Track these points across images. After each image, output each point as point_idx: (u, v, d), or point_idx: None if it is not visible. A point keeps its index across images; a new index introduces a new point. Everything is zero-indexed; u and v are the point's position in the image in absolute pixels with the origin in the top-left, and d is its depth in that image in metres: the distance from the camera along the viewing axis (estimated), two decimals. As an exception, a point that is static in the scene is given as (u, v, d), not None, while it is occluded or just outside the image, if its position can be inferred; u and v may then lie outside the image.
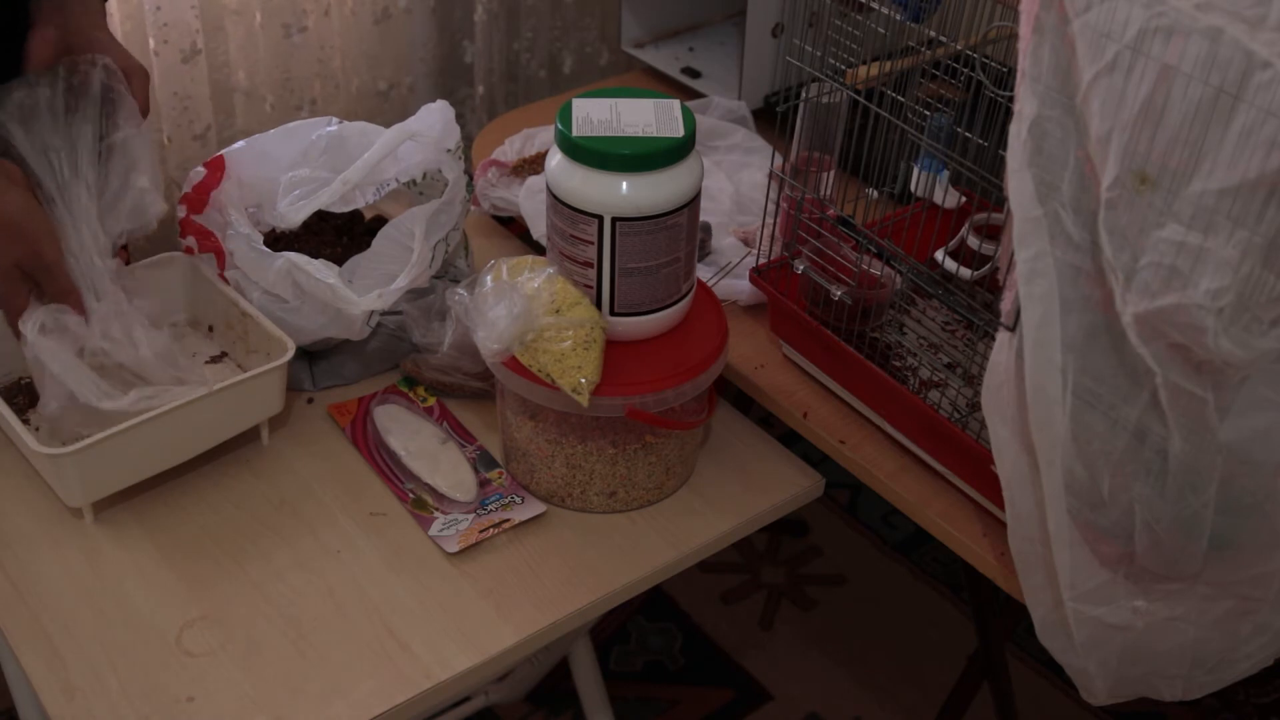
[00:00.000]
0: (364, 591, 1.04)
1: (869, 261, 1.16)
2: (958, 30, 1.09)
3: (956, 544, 1.10)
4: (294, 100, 1.85)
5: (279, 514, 1.10)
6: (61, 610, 1.01)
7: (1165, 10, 0.75)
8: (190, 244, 1.21)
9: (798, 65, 1.13)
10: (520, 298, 1.04)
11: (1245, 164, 0.74)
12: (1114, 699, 1.03)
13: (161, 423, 1.05)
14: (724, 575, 2.06)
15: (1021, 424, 0.91)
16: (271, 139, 1.23)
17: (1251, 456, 0.86)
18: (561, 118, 1.05)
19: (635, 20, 1.79)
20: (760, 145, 1.54)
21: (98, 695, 0.95)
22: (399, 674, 0.98)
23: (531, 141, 1.54)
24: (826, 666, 1.92)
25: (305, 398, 1.22)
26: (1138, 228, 0.79)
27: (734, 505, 1.14)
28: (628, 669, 1.91)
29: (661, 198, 1.04)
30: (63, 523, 1.08)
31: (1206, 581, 0.95)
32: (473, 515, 1.10)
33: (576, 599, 1.04)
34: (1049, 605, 0.98)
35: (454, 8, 1.99)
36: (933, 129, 1.14)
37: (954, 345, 1.21)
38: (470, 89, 2.07)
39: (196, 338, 1.25)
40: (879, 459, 1.17)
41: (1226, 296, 0.77)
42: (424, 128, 1.21)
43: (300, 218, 1.17)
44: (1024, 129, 0.84)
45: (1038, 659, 1.91)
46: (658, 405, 1.06)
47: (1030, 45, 0.83)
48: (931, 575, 2.07)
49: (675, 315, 1.12)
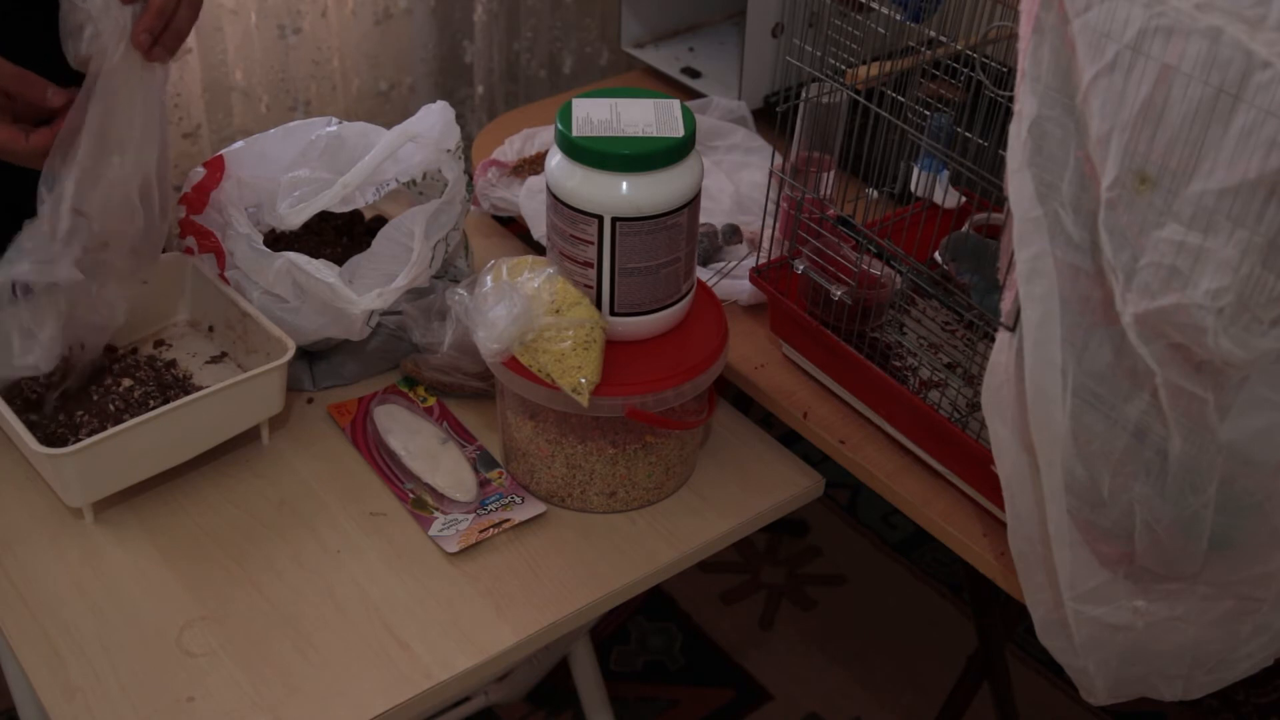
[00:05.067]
0: (364, 591, 1.04)
1: (869, 261, 1.16)
2: (958, 30, 1.09)
3: (956, 544, 1.10)
4: (289, 100, 1.85)
5: (279, 514, 1.10)
6: (61, 610, 1.01)
7: (1165, 10, 0.75)
8: (190, 244, 1.21)
9: (798, 65, 1.13)
10: (520, 298, 1.04)
11: (1245, 164, 0.74)
12: (1114, 699, 1.03)
13: (161, 423, 1.05)
14: (724, 575, 2.06)
15: (1021, 424, 0.91)
16: (271, 139, 1.23)
17: (1251, 456, 0.86)
18: (561, 118, 1.05)
19: (635, 20, 1.79)
20: (760, 145, 1.54)
21: (98, 695, 0.95)
22: (399, 674, 0.98)
23: (531, 141, 1.54)
24: (826, 666, 1.92)
25: (305, 398, 1.22)
26: (1138, 228, 0.79)
27: (734, 505, 1.14)
28: (628, 669, 1.91)
29: (661, 198, 1.04)
30: (63, 523, 1.08)
31: (1206, 581, 0.95)
32: (473, 515, 1.10)
33: (576, 599, 1.04)
34: (1049, 605, 0.98)
35: (454, 8, 1.99)
36: (933, 129, 1.14)
37: (954, 345, 1.21)
38: (470, 89, 2.07)
39: (196, 338, 1.25)
40: (879, 459, 1.17)
41: (1226, 296, 0.77)
42: (424, 128, 1.21)
43: (300, 220, 1.17)
44: (1024, 129, 0.84)
45: (1038, 659, 1.91)
46: (658, 405, 1.06)
47: (1030, 45, 0.83)
48: (931, 575, 2.07)
49: (675, 315, 1.12)
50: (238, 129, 1.81)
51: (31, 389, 1.13)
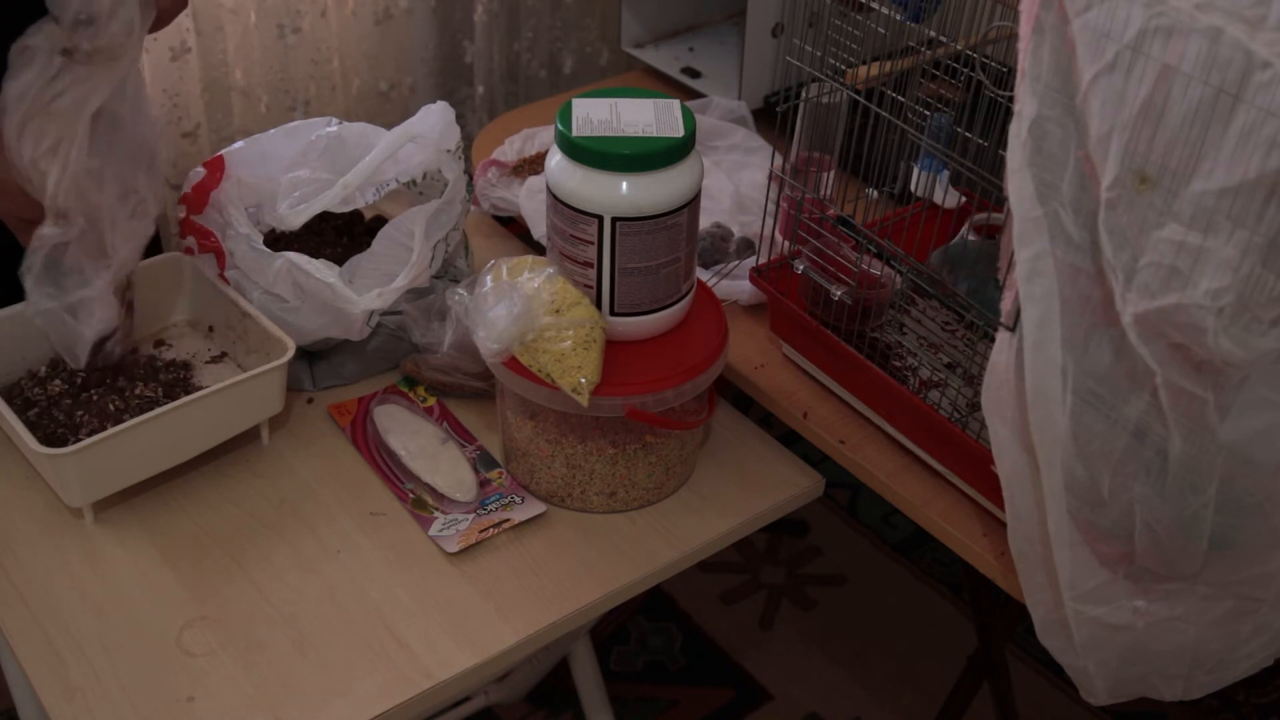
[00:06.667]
0: (364, 591, 1.04)
1: (869, 261, 1.16)
2: (958, 30, 1.09)
3: (956, 544, 1.10)
4: (288, 100, 1.85)
5: (279, 514, 1.10)
6: (61, 610, 1.01)
7: (1165, 10, 0.75)
8: (190, 244, 1.21)
9: (798, 65, 1.13)
10: (520, 298, 1.04)
11: (1245, 164, 0.74)
12: (1114, 699, 1.03)
13: (161, 423, 1.05)
14: (724, 575, 2.06)
15: (1021, 424, 0.91)
16: (271, 139, 1.23)
17: (1251, 456, 0.86)
18: (561, 118, 1.05)
19: (635, 20, 1.79)
20: (760, 145, 1.54)
21: (98, 695, 0.95)
22: (399, 674, 0.98)
23: (531, 141, 1.54)
24: (826, 666, 1.92)
25: (305, 398, 1.22)
26: (1138, 228, 0.79)
27: (734, 505, 1.14)
28: (628, 669, 1.91)
29: (661, 198, 1.04)
30: (63, 523, 1.08)
31: (1206, 581, 0.95)
32: (473, 515, 1.10)
33: (576, 599, 1.04)
34: (1049, 605, 0.98)
35: (454, 8, 1.99)
36: (933, 129, 1.14)
37: (954, 345, 1.21)
38: (470, 89, 2.07)
39: (196, 338, 1.25)
40: (879, 459, 1.17)
41: (1226, 296, 0.77)
42: (424, 129, 1.21)
43: (300, 221, 1.17)
44: (1024, 129, 0.84)
45: (1038, 659, 1.91)
46: (658, 405, 1.06)
47: (1030, 45, 0.83)
48: (931, 575, 2.07)
49: (675, 315, 1.12)
50: (237, 129, 1.81)
51: (31, 389, 1.13)
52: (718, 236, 1.37)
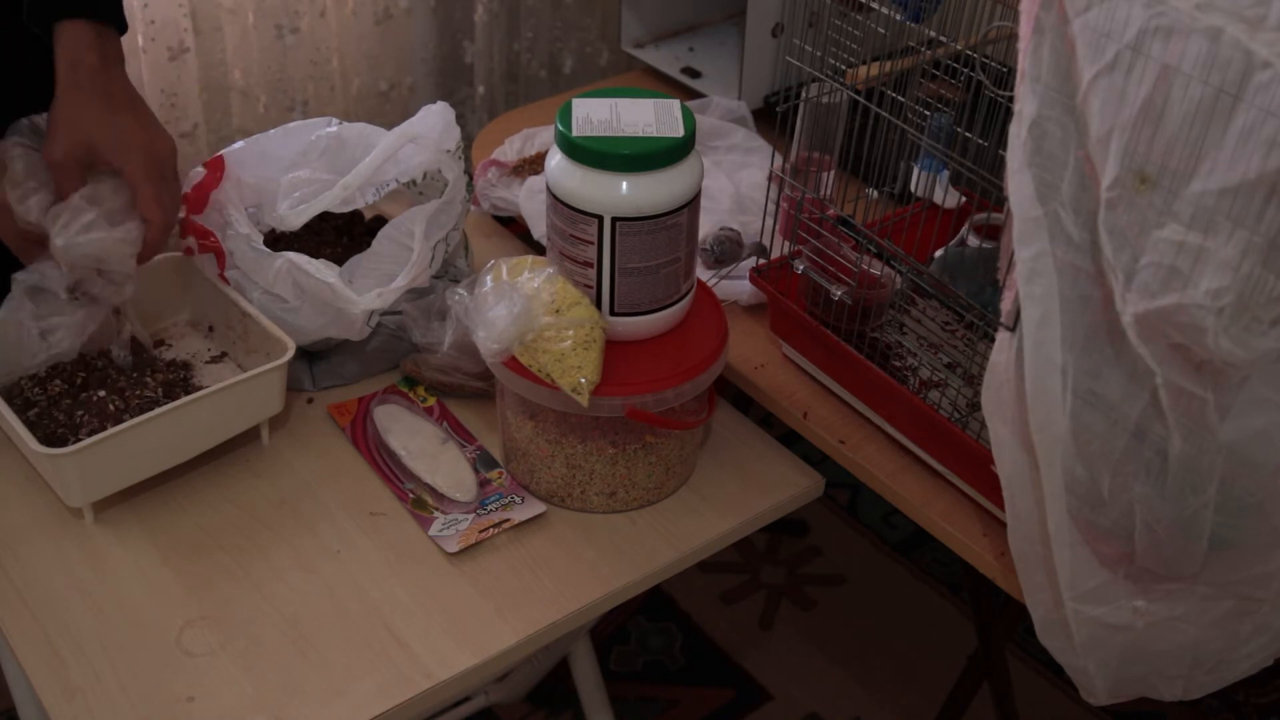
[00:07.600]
0: (364, 591, 1.04)
1: (869, 261, 1.16)
2: (958, 30, 1.09)
3: (956, 544, 1.10)
4: (287, 100, 1.85)
5: (279, 514, 1.10)
6: (61, 610, 1.01)
7: (1165, 10, 0.75)
8: (190, 244, 1.21)
9: (798, 65, 1.13)
10: (520, 298, 1.04)
11: (1245, 164, 0.74)
12: (1114, 699, 1.03)
13: (161, 423, 1.05)
14: (724, 575, 2.06)
15: (1021, 424, 0.91)
16: (271, 139, 1.23)
17: (1251, 456, 0.86)
18: (561, 118, 1.05)
19: (635, 20, 1.79)
20: (760, 145, 1.54)
21: (98, 695, 0.95)
22: (399, 674, 0.98)
23: (531, 141, 1.54)
24: (826, 666, 1.92)
25: (305, 398, 1.22)
26: (1138, 228, 0.79)
27: (734, 505, 1.14)
28: (628, 669, 1.91)
29: (661, 198, 1.04)
30: (63, 523, 1.08)
31: (1206, 581, 0.95)
32: (473, 515, 1.10)
33: (576, 599, 1.04)
34: (1049, 605, 0.98)
35: (454, 8, 1.99)
36: (933, 129, 1.14)
37: (954, 345, 1.21)
38: (470, 89, 2.07)
39: (196, 338, 1.25)
40: (879, 459, 1.17)
41: (1226, 296, 0.77)
42: (424, 129, 1.21)
43: (300, 221, 1.17)
44: (1024, 129, 0.84)
45: (1038, 659, 1.91)
46: (658, 405, 1.06)
47: (1030, 45, 0.83)
48: (931, 575, 2.07)
49: (675, 315, 1.12)
50: (236, 129, 1.81)
51: (31, 389, 1.13)
52: (731, 240, 1.36)
